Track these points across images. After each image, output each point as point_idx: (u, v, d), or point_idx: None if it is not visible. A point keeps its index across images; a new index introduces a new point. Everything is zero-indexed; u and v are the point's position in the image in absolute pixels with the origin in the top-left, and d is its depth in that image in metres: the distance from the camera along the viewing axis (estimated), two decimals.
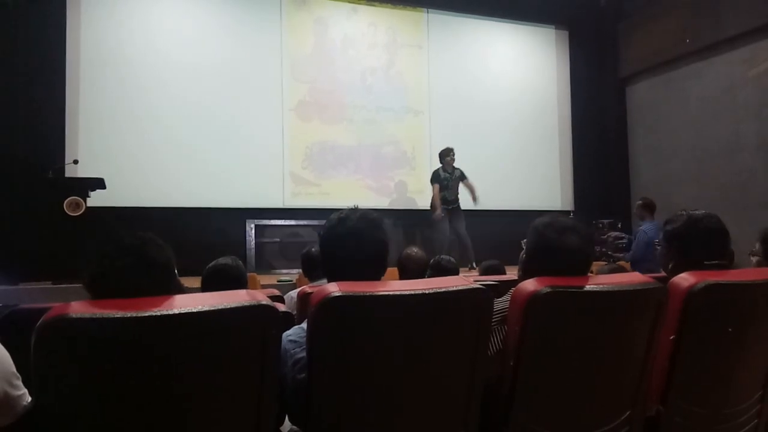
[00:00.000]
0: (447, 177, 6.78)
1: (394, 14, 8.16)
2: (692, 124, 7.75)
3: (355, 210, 1.55)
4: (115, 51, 6.77)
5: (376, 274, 1.51)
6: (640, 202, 6.05)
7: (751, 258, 2.70)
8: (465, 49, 8.44)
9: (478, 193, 6.92)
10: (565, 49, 9.13)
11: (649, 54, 8.38)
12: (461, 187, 6.93)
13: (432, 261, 3.48)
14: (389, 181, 7.67)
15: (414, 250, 3.35)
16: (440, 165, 6.88)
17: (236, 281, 2.44)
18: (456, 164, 6.95)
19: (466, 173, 6.97)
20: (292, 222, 7.19)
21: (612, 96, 9.01)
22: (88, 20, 6.71)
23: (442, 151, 6.88)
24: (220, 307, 1.10)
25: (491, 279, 2.35)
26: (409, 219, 7.51)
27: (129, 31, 6.85)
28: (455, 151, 6.89)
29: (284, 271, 6.40)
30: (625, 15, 8.86)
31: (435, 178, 6.82)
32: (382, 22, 8.07)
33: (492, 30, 8.65)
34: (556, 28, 9.09)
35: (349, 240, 1.49)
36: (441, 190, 6.73)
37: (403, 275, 3.20)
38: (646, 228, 5.74)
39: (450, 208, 6.70)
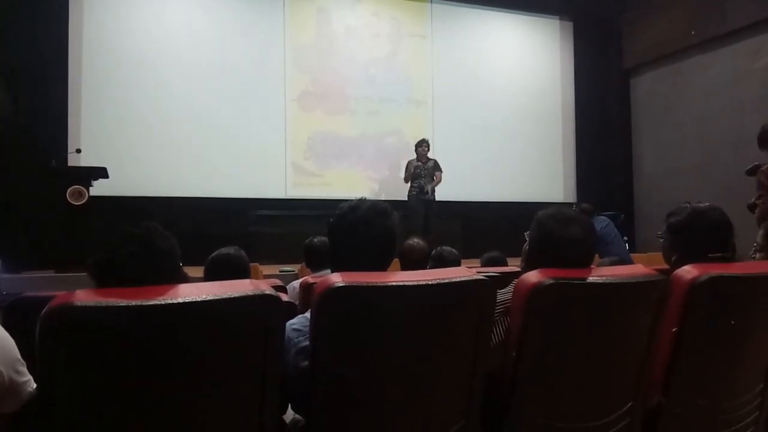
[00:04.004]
0: (419, 166, 6.88)
1: (398, 4, 8.12)
2: (696, 116, 7.72)
3: (364, 200, 1.57)
4: (118, 41, 6.76)
5: (384, 264, 1.52)
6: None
7: (755, 255, 2.70)
8: (469, 39, 8.41)
9: (438, 186, 6.93)
10: (569, 40, 9.09)
11: (653, 46, 8.34)
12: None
13: (434, 252, 3.48)
14: (391, 172, 7.66)
15: (415, 241, 3.36)
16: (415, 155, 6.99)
17: (239, 271, 2.44)
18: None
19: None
20: (294, 212, 7.19)
21: (616, 88, 8.98)
22: (91, 10, 6.69)
23: (417, 142, 6.98)
24: (224, 297, 1.10)
25: (494, 270, 2.36)
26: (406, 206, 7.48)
27: (131, 21, 6.84)
28: (429, 142, 7.02)
29: (286, 261, 6.40)
30: (629, 6, 8.81)
31: (407, 168, 6.99)
32: (385, 12, 8.03)
33: (496, 21, 8.61)
34: (560, 19, 9.05)
35: (359, 228, 1.50)
36: (415, 178, 6.87)
37: (404, 265, 3.20)
38: None
39: (425, 198, 6.74)
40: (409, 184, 6.93)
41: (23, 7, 6.32)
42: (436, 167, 6.92)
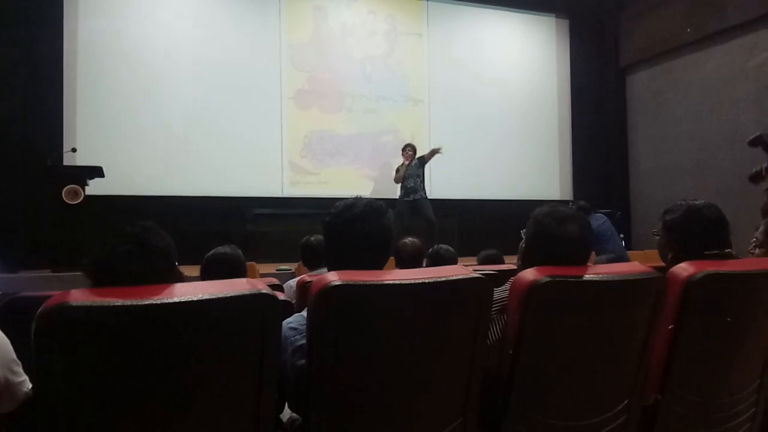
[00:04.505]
0: (404, 169, 6.90)
1: (394, 2, 8.11)
2: (692, 113, 7.74)
3: (360, 198, 1.57)
4: (113, 39, 6.74)
5: (380, 262, 1.52)
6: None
7: (755, 251, 2.70)
8: (465, 37, 8.41)
9: (434, 181, 7.11)
10: (565, 38, 9.09)
11: (649, 43, 8.35)
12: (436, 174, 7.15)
13: (431, 250, 3.49)
14: (388, 170, 7.65)
15: (408, 240, 3.38)
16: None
17: (235, 270, 2.44)
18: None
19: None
20: (291, 211, 7.18)
21: (612, 85, 8.99)
22: (86, 8, 6.66)
23: (403, 147, 7.00)
24: (220, 296, 1.10)
25: (490, 268, 2.36)
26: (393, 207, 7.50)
27: (127, 19, 6.81)
28: (415, 145, 6.99)
29: (283, 260, 6.40)
30: (626, 4, 8.82)
31: (397, 170, 7.03)
32: (381, 10, 8.02)
33: (492, 18, 8.60)
34: (556, 17, 9.05)
35: (354, 226, 1.50)
36: (403, 180, 6.89)
37: (399, 263, 3.23)
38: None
39: (411, 198, 6.74)
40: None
41: (19, 5, 6.29)
42: (421, 161, 6.93)
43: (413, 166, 6.86)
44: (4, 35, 6.23)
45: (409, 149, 6.91)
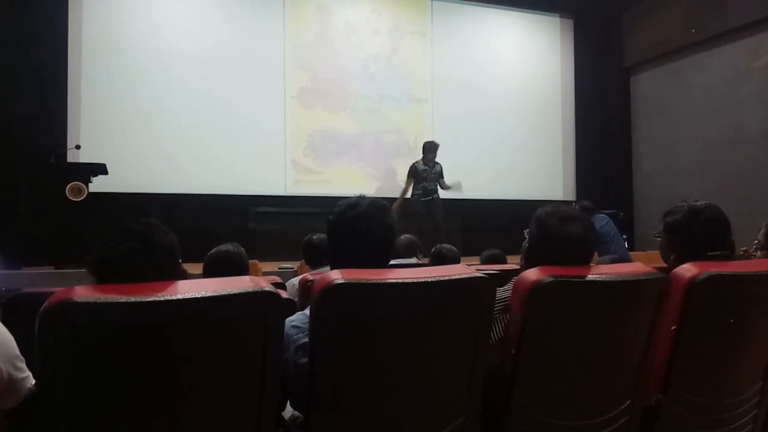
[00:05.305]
0: (425, 170, 6.67)
1: (398, 1, 8.10)
2: (696, 114, 7.71)
3: (363, 197, 1.57)
4: (118, 36, 6.74)
5: (383, 261, 1.53)
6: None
7: (756, 253, 2.69)
8: (469, 36, 8.39)
9: (451, 188, 6.81)
10: (569, 38, 9.07)
11: (653, 44, 8.33)
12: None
13: (434, 249, 3.51)
14: (391, 169, 7.65)
15: (403, 236, 3.42)
16: (422, 156, 6.74)
17: (238, 268, 2.45)
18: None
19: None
20: (294, 209, 7.19)
21: (616, 86, 8.96)
22: (90, 5, 6.67)
23: (428, 146, 6.73)
24: (223, 293, 1.10)
25: (493, 268, 2.36)
26: (409, 207, 7.48)
27: (131, 17, 6.82)
28: (440, 145, 6.78)
29: (286, 258, 6.41)
30: (630, 4, 8.79)
31: (411, 172, 6.71)
32: (385, 9, 8.01)
33: (496, 18, 8.59)
34: (560, 17, 9.02)
35: (358, 224, 1.50)
36: (420, 181, 6.65)
37: (393, 257, 3.26)
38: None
39: (428, 199, 6.66)
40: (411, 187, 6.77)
41: (23, 1, 6.29)
42: (441, 174, 6.77)
43: (437, 171, 6.70)
44: (8, 31, 6.23)
45: (436, 151, 6.70)
